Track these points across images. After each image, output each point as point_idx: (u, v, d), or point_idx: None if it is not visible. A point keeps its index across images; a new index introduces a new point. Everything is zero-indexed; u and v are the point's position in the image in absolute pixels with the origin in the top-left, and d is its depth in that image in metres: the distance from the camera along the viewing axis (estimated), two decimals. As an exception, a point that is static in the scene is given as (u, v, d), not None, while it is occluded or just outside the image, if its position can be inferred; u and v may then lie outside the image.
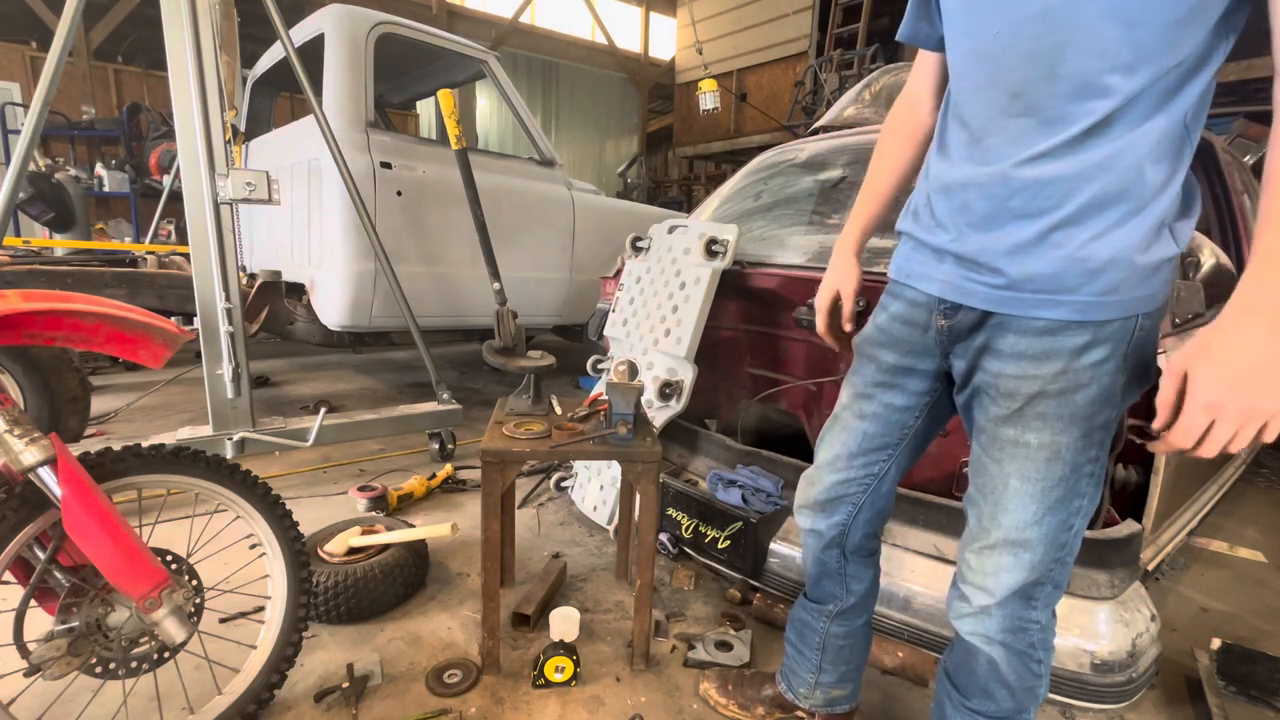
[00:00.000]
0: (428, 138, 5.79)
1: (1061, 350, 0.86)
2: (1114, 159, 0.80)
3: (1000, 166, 0.87)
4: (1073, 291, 0.84)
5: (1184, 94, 0.79)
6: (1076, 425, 0.87)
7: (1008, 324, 0.90)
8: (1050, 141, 0.83)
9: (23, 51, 7.22)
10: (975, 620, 0.99)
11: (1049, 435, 0.88)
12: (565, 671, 1.50)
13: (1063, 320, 0.85)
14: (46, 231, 5.51)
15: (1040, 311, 0.86)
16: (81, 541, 1.04)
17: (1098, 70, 0.78)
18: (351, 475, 2.75)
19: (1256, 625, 1.92)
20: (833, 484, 1.17)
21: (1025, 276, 0.86)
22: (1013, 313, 0.89)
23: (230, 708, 1.29)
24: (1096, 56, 0.78)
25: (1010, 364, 0.90)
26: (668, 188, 12.55)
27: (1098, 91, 0.79)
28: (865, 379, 1.12)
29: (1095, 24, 0.77)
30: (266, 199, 2.24)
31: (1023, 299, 0.87)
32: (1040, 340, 0.87)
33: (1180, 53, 0.77)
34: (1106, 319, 0.84)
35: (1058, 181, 0.83)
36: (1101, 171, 0.81)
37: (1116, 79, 0.78)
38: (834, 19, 8.13)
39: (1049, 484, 0.90)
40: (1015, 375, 0.89)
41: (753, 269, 2.18)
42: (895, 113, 1.18)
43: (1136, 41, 0.76)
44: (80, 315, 1.10)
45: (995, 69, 0.87)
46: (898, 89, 2.76)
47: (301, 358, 5.28)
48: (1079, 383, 0.86)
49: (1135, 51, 0.77)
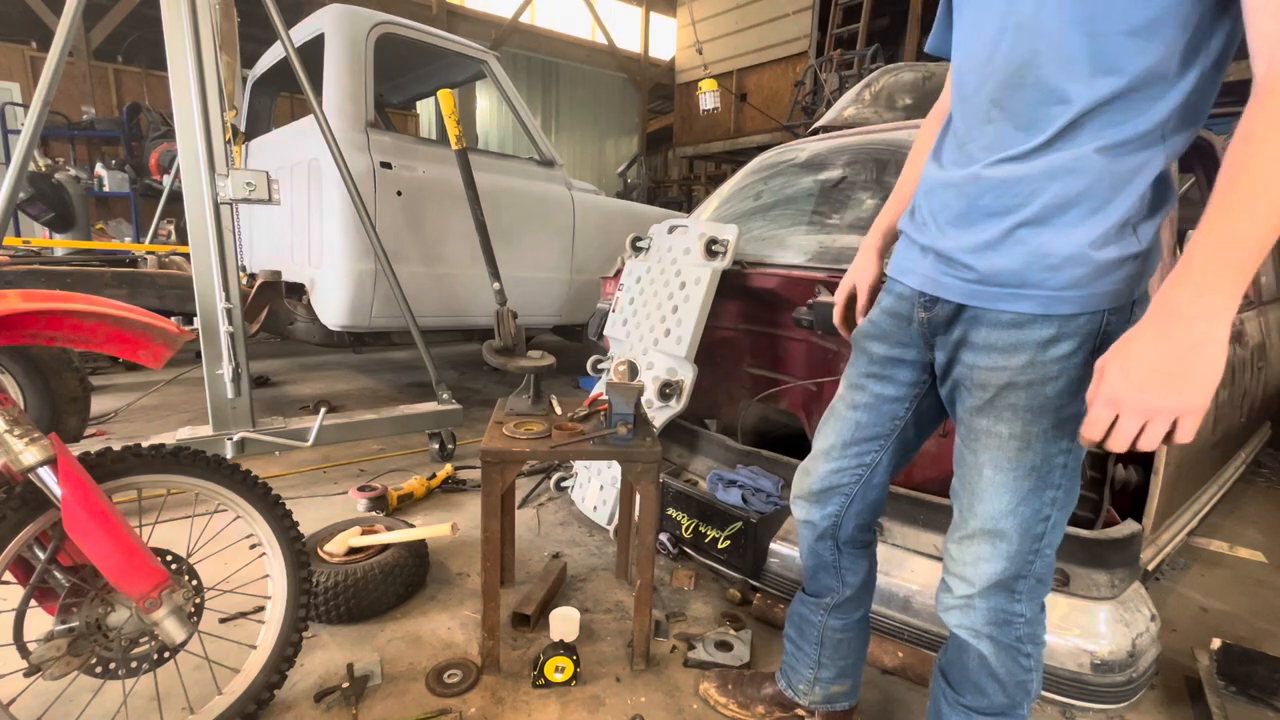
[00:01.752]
0: (428, 138, 5.79)
1: (1029, 343, 0.89)
2: (1077, 162, 0.84)
3: (975, 168, 0.93)
4: (1036, 286, 0.88)
5: (1155, 104, 0.81)
6: (1046, 416, 0.91)
7: (980, 317, 0.94)
8: (1019, 146, 0.88)
9: (23, 51, 7.22)
10: (961, 613, 1.02)
11: (1020, 425, 0.92)
12: (565, 671, 1.50)
13: (1029, 313, 0.89)
14: (46, 231, 5.51)
15: (1007, 305, 0.90)
16: (81, 541, 1.04)
17: (1062, 78, 0.83)
18: (351, 475, 2.75)
19: (1256, 625, 1.92)
20: (827, 473, 1.20)
21: (993, 271, 0.91)
22: (982, 305, 0.93)
23: (230, 708, 1.29)
24: (1062, 65, 0.83)
25: (983, 356, 0.94)
26: (668, 188, 12.55)
27: (1061, 98, 0.84)
28: (858, 370, 1.17)
29: (1060, 34, 0.82)
30: (266, 199, 2.25)
31: (991, 292, 0.91)
32: (1009, 333, 0.91)
33: (1144, 62, 0.79)
34: (1071, 313, 0.87)
35: (1023, 181, 0.87)
36: (1065, 173, 0.85)
37: (1079, 87, 0.82)
38: (834, 19, 8.12)
39: (1020, 473, 0.93)
40: (987, 367, 0.93)
41: (753, 269, 2.18)
42: (927, 121, 1.24)
43: (1097, 52, 0.80)
44: (80, 315, 1.10)
45: (980, 77, 0.92)
46: (898, 89, 2.77)
47: (301, 358, 5.28)
48: (1047, 375, 0.89)
49: (1096, 62, 0.81)
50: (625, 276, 2.46)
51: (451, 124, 2.74)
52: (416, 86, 4.39)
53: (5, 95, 6.95)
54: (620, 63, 12.92)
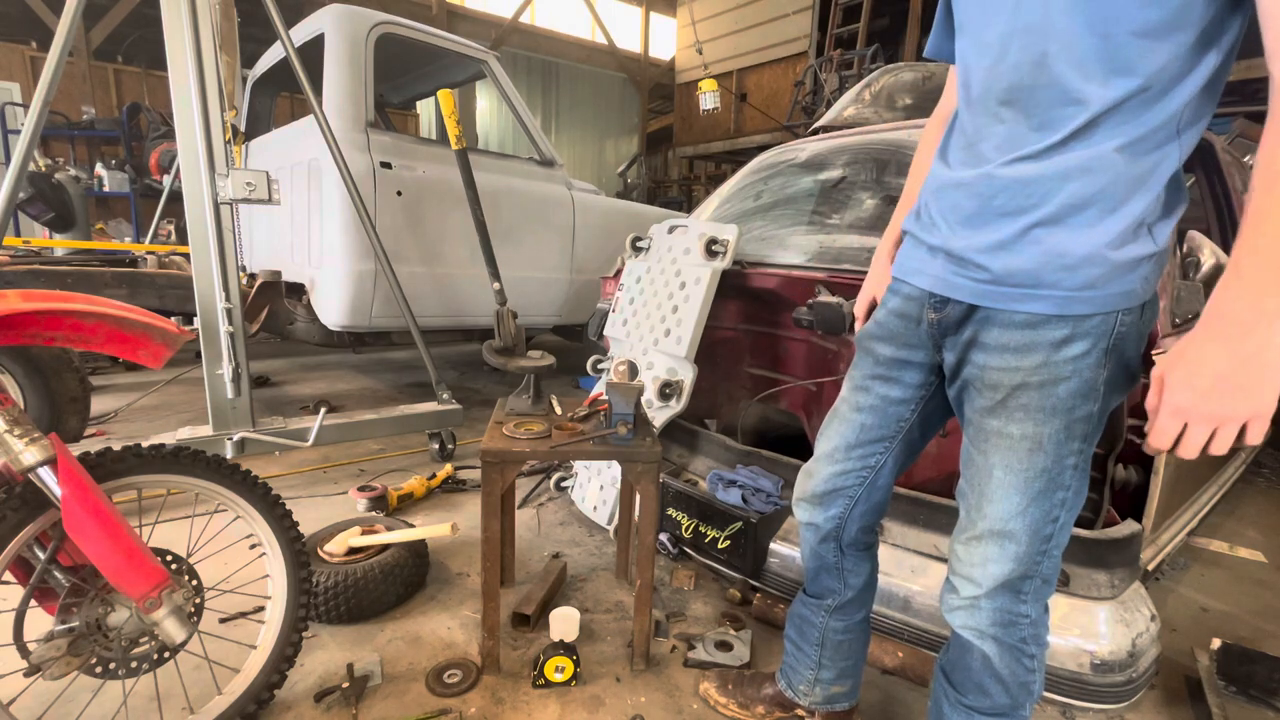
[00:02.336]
0: (428, 138, 5.79)
1: (1042, 343, 0.89)
2: (1092, 161, 0.83)
3: (987, 168, 0.92)
4: (1051, 286, 0.87)
5: (1169, 101, 0.81)
6: (1058, 417, 0.90)
7: (993, 318, 0.93)
8: (1034, 145, 0.87)
9: (23, 51, 7.22)
10: (966, 613, 1.01)
11: (1031, 426, 0.91)
12: (565, 671, 1.50)
13: (1043, 314, 0.88)
14: (46, 231, 5.51)
15: (1021, 305, 0.90)
16: (81, 541, 1.04)
17: (1076, 79, 0.82)
18: (351, 475, 2.75)
19: (1256, 625, 1.92)
20: (830, 476, 1.19)
21: (1007, 271, 0.90)
22: (996, 306, 0.92)
23: (230, 708, 1.29)
24: (1075, 66, 0.82)
25: (995, 356, 0.93)
26: (668, 188, 12.54)
27: (1076, 99, 0.83)
28: (863, 372, 1.16)
29: (1073, 36, 0.82)
30: (266, 199, 2.25)
31: (1005, 293, 0.91)
32: (1022, 333, 0.90)
33: (1156, 62, 0.79)
34: (1086, 313, 0.87)
35: (1038, 181, 0.87)
36: (1080, 173, 0.84)
37: (1093, 88, 0.82)
38: (834, 19, 8.12)
39: (1031, 475, 0.92)
40: (999, 367, 0.93)
41: (753, 269, 2.18)
42: (929, 126, 1.23)
43: (1110, 52, 0.80)
44: (80, 315, 1.10)
45: (989, 78, 0.92)
46: (898, 89, 2.77)
47: (301, 358, 5.28)
48: (1059, 375, 0.89)
49: (1109, 62, 0.80)
50: (625, 276, 2.46)
51: (451, 124, 2.74)
52: (416, 86, 4.39)
53: (5, 95, 6.95)
54: (620, 63, 12.92)
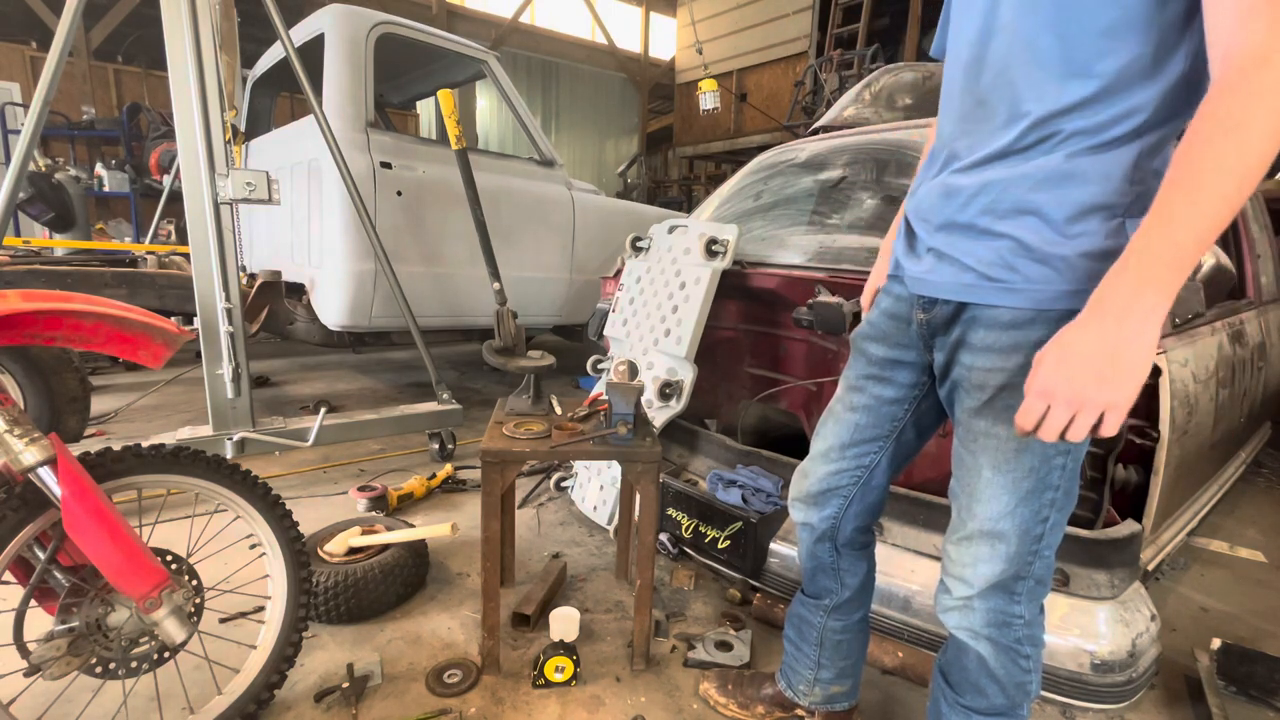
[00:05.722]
0: (428, 138, 5.79)
1: (1025, 343, 0.89)
2: (1063, 161, 0.85)
3: (960, 167, 0.95)
4: (1028, 281, 0.88)
5: (1135, 102, 0.81)
6: None
7: (979, 319, 0.94)
8: (1001, 144, 0.89)
9: (23, 51, 7.22)
10: (960, 614, 1.02)
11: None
12: (565, 671, 1.50)
13: (1024, 310, 0.89)
14: (46, 231, 5.51)
15: (998, 299, 0.91)
16: (81, 541, 1.04)
17: (1039, 79, 0.85)
18: (351, 475, 2.75)
19: (1256, 625, 1.92)
20: (825, 475, 1.20)
21: (983, 268, 0.91)
22: (974, 301, 0.93)
23: (230, 708, 1.29)
24: (1037, 67, 0.85)
25: (980, 357, 0.94)
26: (668, 188, 12.54)
27: (1040, 99, 0.85)
28: (857, 372, 1.17)
29: (1036, 36, 0.84)
30: (266, 199, 2.25)
31: (982, 288, 0.92)
32: (1006, 334, 0.91)
33: (1114, 63, 0.80)
34: (1066, 309, 0.86)
35: (1010, 181, 0.88)
36: (1052, 170, 0.85)
37: (1053, 88, 0.84)
38: (834, 19, 8.12)
39: (1020, 475, 0.93)
40: (985, 368, 0.93)
41: (753, 269, 2.18)
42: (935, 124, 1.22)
43: (1069, 52, 0.82)
44: (80, 315, 1.10)
45: (965, 79, 0.95)
46: (898, 89, 2.77)
47: (301, 358, 5.28)
48: None
49: (1069, 63, 0.83)
50: (625, 276, 2.46)
51: (451, 124, 2.74)
52: (416, 86, 4.39)
53: (5, 95, 6.94)
54: (620, 63, 12.92)
